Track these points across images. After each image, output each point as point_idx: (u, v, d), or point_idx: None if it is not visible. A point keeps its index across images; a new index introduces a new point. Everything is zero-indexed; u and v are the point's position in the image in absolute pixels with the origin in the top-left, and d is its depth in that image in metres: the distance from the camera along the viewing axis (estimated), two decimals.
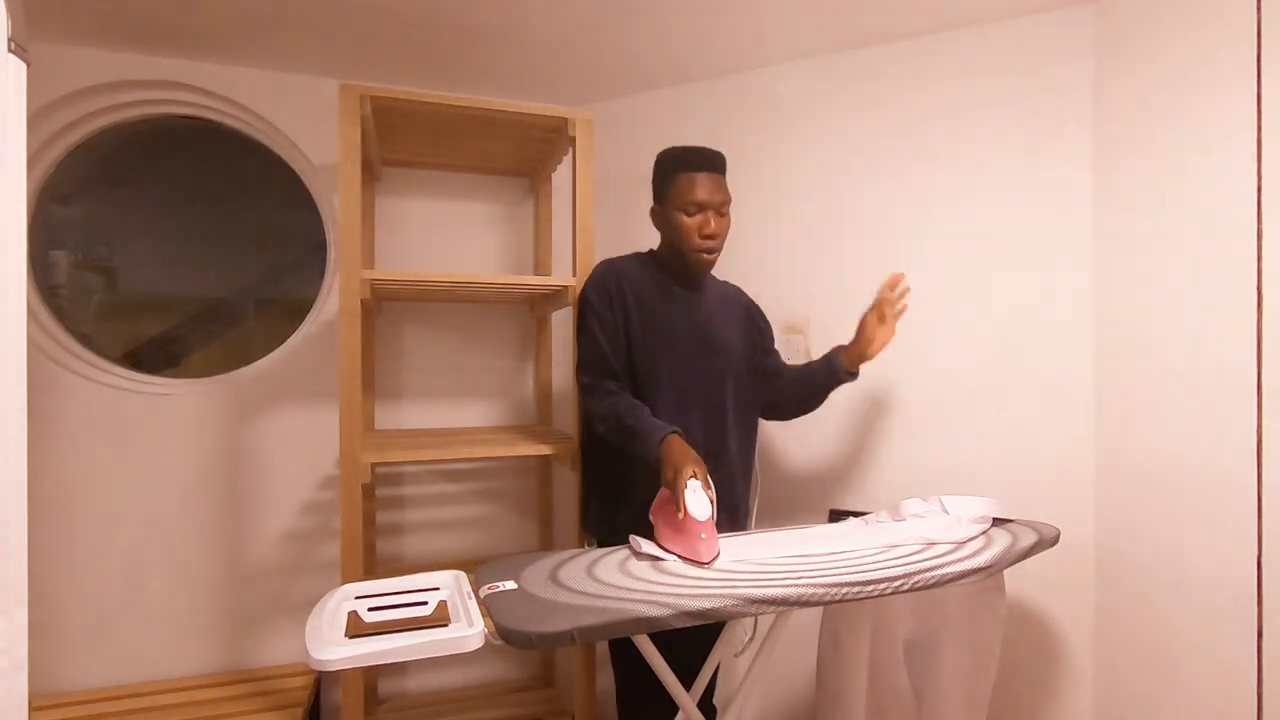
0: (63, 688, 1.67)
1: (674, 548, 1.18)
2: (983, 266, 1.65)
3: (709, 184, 1.42)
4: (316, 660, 0.87)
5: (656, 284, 1.48)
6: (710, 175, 1.42)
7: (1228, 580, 1.29)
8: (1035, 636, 1.61)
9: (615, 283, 1.45)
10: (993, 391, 1.64)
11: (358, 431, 1.41)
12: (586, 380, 1.44)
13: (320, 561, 1.85)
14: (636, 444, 1.31)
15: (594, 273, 1.49)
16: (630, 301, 1.44)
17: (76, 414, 1.68)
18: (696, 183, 1.41)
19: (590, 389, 1.43)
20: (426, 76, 1.86)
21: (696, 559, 1.14)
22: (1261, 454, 1.23)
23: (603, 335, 1.42)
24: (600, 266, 1.49)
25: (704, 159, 1.43)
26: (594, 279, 1.47)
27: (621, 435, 1.35)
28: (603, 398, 1.40)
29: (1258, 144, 1.24)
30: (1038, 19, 1.59)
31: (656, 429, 1.29)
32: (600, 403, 1.40)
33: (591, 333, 1.43)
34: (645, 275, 1.49)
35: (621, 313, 1.44)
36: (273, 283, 1.98)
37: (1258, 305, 1.24)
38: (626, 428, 1.32)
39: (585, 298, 1.46)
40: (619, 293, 1.44)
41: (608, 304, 1.44)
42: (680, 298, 1.49)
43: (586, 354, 1.45)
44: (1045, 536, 1.28)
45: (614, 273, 1.47)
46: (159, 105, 1.79)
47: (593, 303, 1.44)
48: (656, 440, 1.26)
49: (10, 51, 0.82)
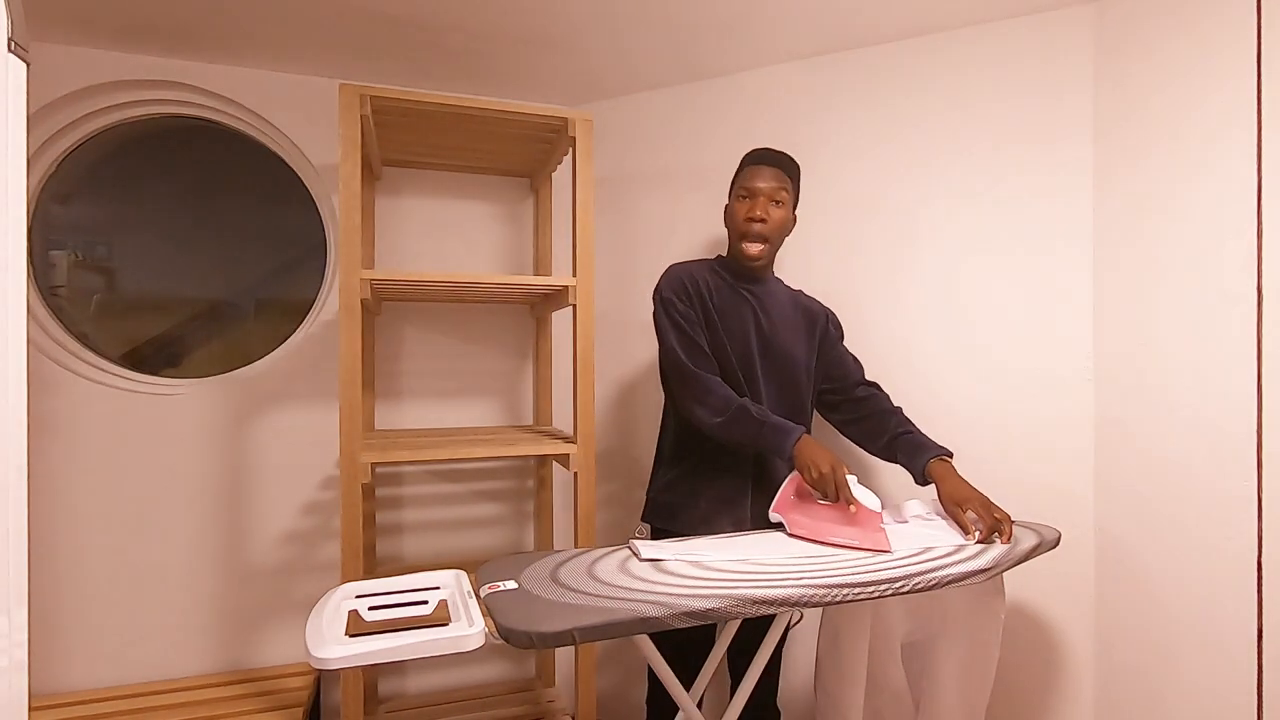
0: (63, 688, 1.67)
1: (843, 540, 1.24)
2: (981, 267, 1.65)
3: (764, 174, 1.48)
4: (316, 659, 0.87)
5: (722, 284, 1.51)
6: (768, 168, 1.49)
7: (1228, 581, 1.29)
8: (1035, 638, 1.61)
9: (690, 281, 1.49)
10: (992, 392, 1.64)
11: (358, 431, 1.41)
12: (701, 368, 1.42)
13: (320, 561, 1.85)
14: (765, 437, 1.34)
15: (667, 275, 1.51)
16: (705, 300, 1.48)
17: (76, 414, 1.68)
18: (752, 172, 1.49)
19: (704, 377, 1.42)
20: (426, 76, 1.86)
21: (880, 548, 1.20)
22: (1261, 454, 1.23)
23: (691, 328, 1.45)
24: (671, 269, 1.53)
25: (766, 154, 1.51)
26: (669, 280, 1.50)
27: (744, 426, 1.36)
28: (719, 386, 1.41)
29: (1258, 143, 1.24)
30: (1038, 19, 1.59)
31: (791, 427, 1.33)
32: (718, 391, 1.40)
33: (681, 327, 1.45)
34: (713, 277, 1.52)
35: (700, 310, 1.47)
36: (273, 283, 1.98)
37: (1258, 305, 1.24)
38: (755, 421, 1.35)
39: (665, 298, 1.48)
40: (695, 290, 1.48)
41: (687, 301, 1.47)
42: (744, 299, 1.51)
43: (687, 344, 1.45)
44: (1046, 539, 1.28)
45: (689, 274, 1.50)
46: (159, 105, 1.79)
47: (674, 301, 1.47)
48: (794, 438, 1.31)
49: (10, 51, 0.82)
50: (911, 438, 1.45)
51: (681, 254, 1.84)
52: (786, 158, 1.51)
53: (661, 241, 1.96)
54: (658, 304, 1.49)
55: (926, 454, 1.39)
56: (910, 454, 1.42)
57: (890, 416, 1.51)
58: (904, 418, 1.51)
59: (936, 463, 1.38)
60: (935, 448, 1.41)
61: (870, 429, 1.53)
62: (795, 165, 1.52)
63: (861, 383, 1.58)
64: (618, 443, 2.02)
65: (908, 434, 1.46)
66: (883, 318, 1.74)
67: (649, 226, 1.99)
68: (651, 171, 1.99)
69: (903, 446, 1.44)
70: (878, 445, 1.51)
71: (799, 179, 1.53)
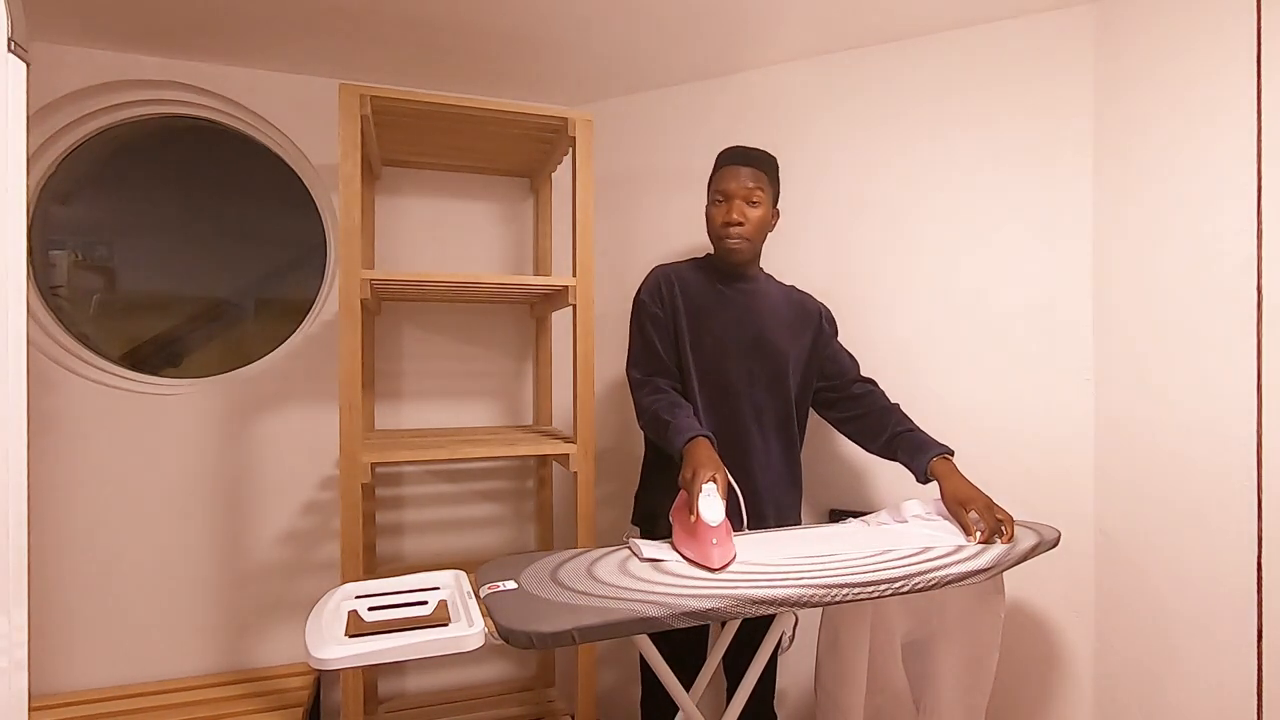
0: (63, 688, 1.67)
1: (686, 551, 1.17)
2: (981, 268, 1.65)
3: (736, 174, 1.46)
4: (316, 659, 0.87)
5: (706, 283, 1.51)
6: (740, 167, 1.47)
7: (1228, 581, 1.29)
8: (1035, 638, 1.61)
9: (667, 284, 1.50)
10: (991, 390, 1.64)
11: (358, 431, 1.41)
12: (636, 375, 1.47)
13: (320, 561, 1.85)
14: (667, 441, 1.33)
15: (648, 277, 1.53)
16: (680, 301, 1.48)
17: (76, 414, 1.68)
18: (726, 174, 1.47)
19: (639, 384, 1.45)
20: (427, 76, 1.86)
21: (706, 564, 1.12)
22: (1261, 453, 1.23)
23: (655, 333, 1.46)
24: (654, 271, 1.54)
25: (736, 153, 1.49)
26: (647, 283, 1.52)
27: (656, 430, 1.37)
28: (648, 393, 1.42)
29: (1258, 142, 1.24)
30: (1038, 19, 1.59)
31: (687, 429, 1.30)
32: (644, 397, 1.42)
33: (644, 331, 1.47)
34: (697, 276, 1.52)
35: (672, 312, 1.48)
36: (273, 283, 1.98)
37: (1258, 303, 1.24)
38: (662, 423, 1.34)
39: (639, 300, 1.51)
40: (670, 293, 1.49)
41: (659, 304, 1.48)
42: (729, 297, 1.51)
43: (637, 351, 1.49)
44: (1046, 539, 1.28)
45: (666, 276, 1.51)
46: (159, 105, 1.79)
47: (645, 304, 1.49)
48: (684, 440, 1.28)
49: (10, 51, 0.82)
50: (912, 436, 1.44)
51: (681, 253, 1.84)
52: (759, 154, 1.49)
53: (661, 241, 1.96)
54: (633, 306, 1.52)
55: (928, 453, 1.39)
56: (911, 453, 1.42)
57: (889, 414, 1.50)
58: (902, 415, 1.50)
59: (939, 461, 1.37)
60: (937, 446, 1.40)
61: (868, 427, 1.52)
62: (771, 160, 1.50)
63: (858, 379, 1.56)
64: (618, 443, 2.02)
65: (908, 432, 1.45)
66: (881, 316, 1.74)
67: (649, 226, 1.99)
68: (651, 171, 1.99)
69: (903, 445, 1.44)
70: (877, 443, 1.50)
71: (777, 173, 1.51)
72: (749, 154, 1.49)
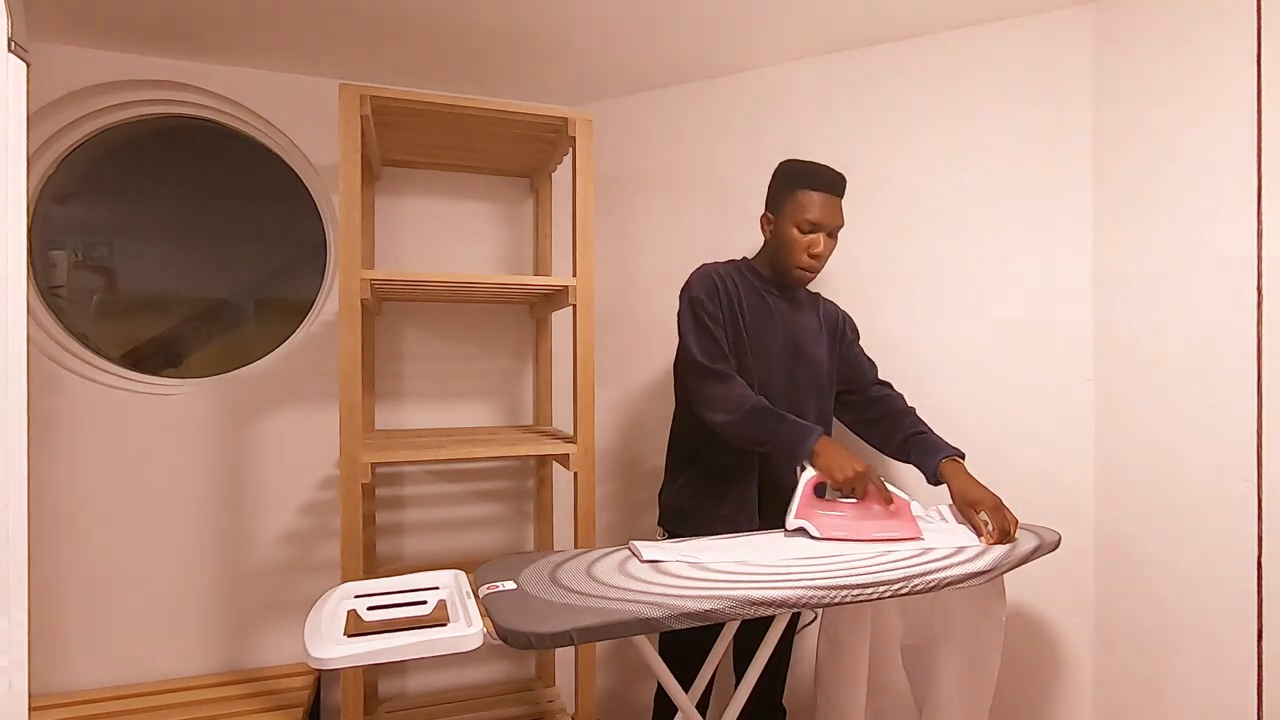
0: (63, 688, 1.67)
1: (886, 534, 1.26)
2: (981, 268, 1.65)
3: (827, 206, 1.43)
4: (315, 659, 0.87)
5: (753, 291, 1.50)
6: (830, 197, 1.44)
7: (1228, 582, 1.29)
8: (1035, 640, 1.61)
9: (723, 285, 1.46)
10: (991, 390, 1.64)
11: (358, 431, 1.41)
12: (719, 367, 1.40)
13: (320, 561, 1.85)
14: (782, 437, 1.32)
15: (697, 275, 1.48)
16: (734, 303, 1.46)
17: (76, 414, 1.68)
18: (816, 202, 1.42)
19: (716, 374, 1.39)
20: (427, 76, 1.86)
21: (918, 536, 1.25)
22: (1261, 454, 1.23)
23: (715, 328, 1.42)
24: (702, 269, 1.49)
25: (828, 180, 1.44)
26: (699, 279, 1.47)
27: (762, 425, 1.33)
28: (736, 386, 1.38)
29: (1258, 142, 1.24)
30: (1038, 19, 1.59)
31: (811, 426, 1.32)
32: (730, 390, 1.37)
33: (706, 326, 1.42)
34: (745, 282, 1.50)
35: (729, 313, 1.45)
36: (273, 283, 1.98)
37: (1258, 303, 1.24)
38: (776, 417, 1.33)
39: (694, 296, 1.44)
40: (725, 293, 1.45)
41: (716, 302, 1.44)
42: (775, 307, 1.50)
43: (707, 343, 1.42)
44: (1046, 541, 1.28)
45: (720, 277, 1.48)
46: (159, 105, 1.79)
47: (703, 300, 1.43)
48: (815, 437, 1.30)
49: (10, 51, 0.82)
50: (924, 438, 1.45)
51: (681, 254, 1.83)
52: (842, 180, 1.46)
53: (661, 241, 1.96)
54: (684, 302, 1.46)
55: (938, 454, 1.39)
56: (922, 454, 1.43)
57: (904, 417, 1.51)
58: (917, 418, 1.51)
59: (948, 463, 1.38)
60: (947, 448, 1.41)
61: (884, 429, 1.53)
62: (845, 182, 1.48)
63: (876, 383, 1.58)
64: (618, 442, 2.02)
65: (921, 434, 1.46)
66: (880, 316, 1.74)
67: (649, 226, 1.99)
68: (651, 171, 1.99)
69: (915, 447, 1.45)
70: (891, 445, 1.51)
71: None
72: (837, 182, 1.45)
